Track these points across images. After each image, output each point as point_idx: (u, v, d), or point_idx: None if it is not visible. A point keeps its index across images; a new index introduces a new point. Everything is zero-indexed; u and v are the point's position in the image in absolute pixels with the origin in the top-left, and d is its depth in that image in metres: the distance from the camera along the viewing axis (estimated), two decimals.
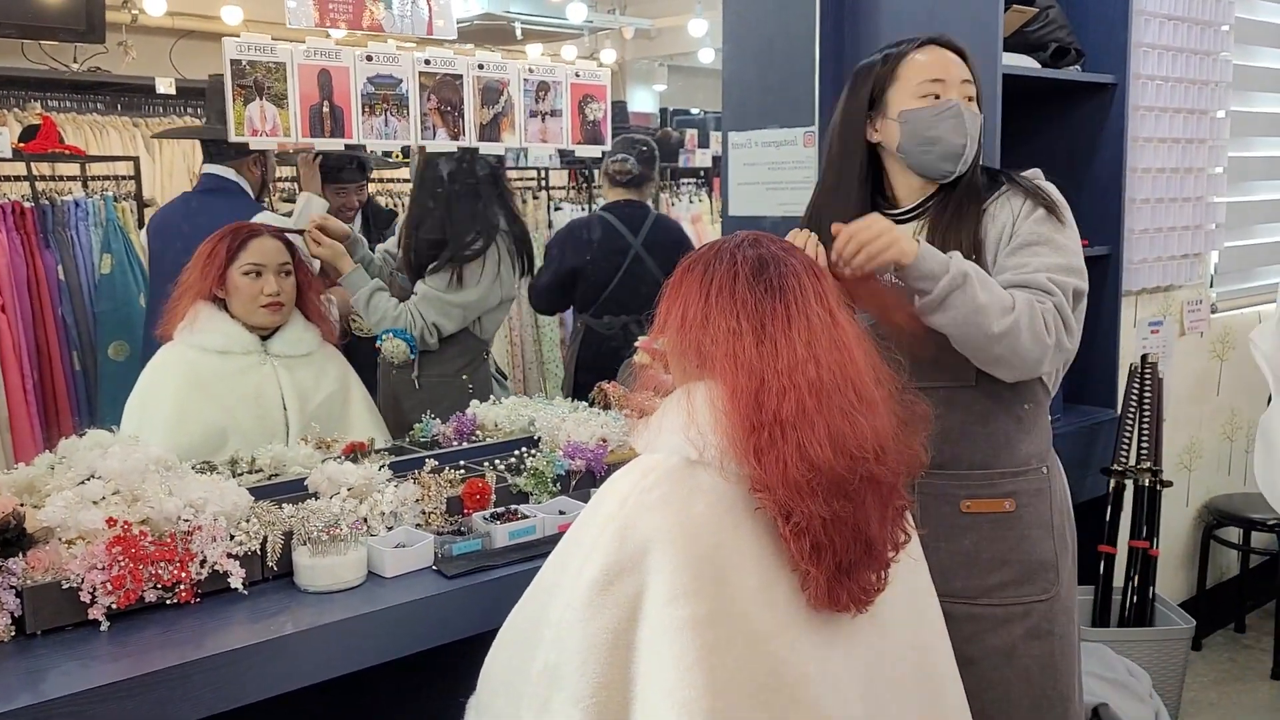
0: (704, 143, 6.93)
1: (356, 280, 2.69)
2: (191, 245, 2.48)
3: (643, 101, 8.20)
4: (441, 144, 2.29)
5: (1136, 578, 3.14)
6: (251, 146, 2.23)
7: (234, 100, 1.99)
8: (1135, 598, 3.13)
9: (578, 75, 2.46)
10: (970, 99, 1.94)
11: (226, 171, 2.97)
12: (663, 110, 7.55)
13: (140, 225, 4.38)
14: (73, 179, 4.42)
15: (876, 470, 1.31)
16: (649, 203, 3.76)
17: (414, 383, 2.81)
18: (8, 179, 4.24)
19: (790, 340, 1.31)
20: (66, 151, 4.47)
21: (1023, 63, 2.87)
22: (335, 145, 2.14)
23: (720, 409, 1.31)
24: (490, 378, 3.01)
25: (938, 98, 1.92)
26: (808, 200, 2.16)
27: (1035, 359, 1.77)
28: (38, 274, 3.97)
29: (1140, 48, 3.24)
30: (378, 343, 2.74)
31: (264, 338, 2.44)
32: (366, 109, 2.15)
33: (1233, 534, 3.90)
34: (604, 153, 3.53)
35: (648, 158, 3.69)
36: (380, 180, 5.39)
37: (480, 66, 2.29)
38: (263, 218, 2.76)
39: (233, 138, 2.01)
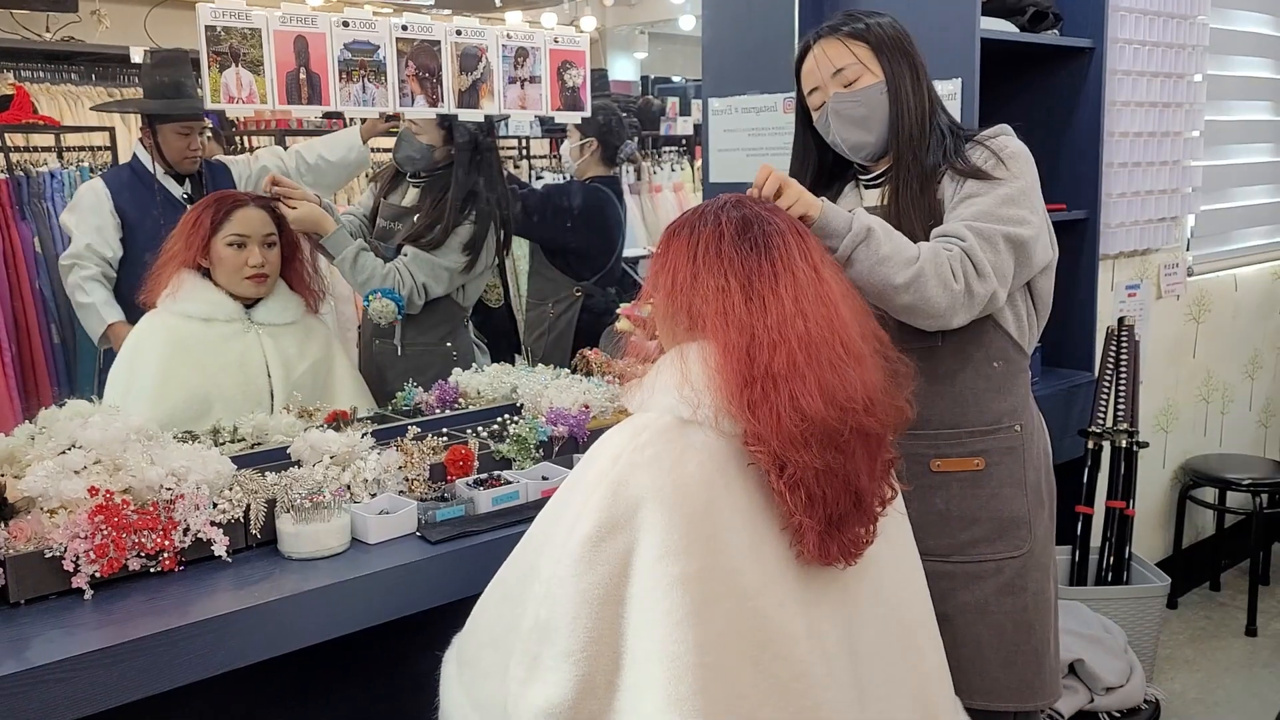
0: (685, 111, 6.90)
1: (340, 240, 2.66)
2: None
3: (623, 70, 8.15)
4: (420, 110, 2.27)
5: (1113, 538, 3.18)
6: (228, 114, 2.21)
7: (209, 67, 1.97)
8: (1112, 557, 3.17)
9: (556, 41, 2.45)
10: (850, 83, 1.93)
11: None
12: (644, 78, 7.52)
13: None
14: (47, 150, 4.38)
15: (866, 422, 1.33)
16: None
17: (396, 349, 2.81)
18: None
19: (778, 296, 1.33)
20: (41, 122, 4.42)
21: (1001, 27, 2.87)
22: (313, 112, 2.12)
23: (713, 366, 1.33)
24: (472, 344, 3.02)
25: (820, 106, 1.97)
26: (787, 166, 2.16)
27: (945, 306, 1.77)
28: (14, 246, 3.94)
29: (1118, 12, 3.24)
30: (364, 303, 2.73)
31: (247, 306, 2.43)
32: (344, 76, 2.13)
33: (1208, 494, 3.95)
34: (604, 127, 3.54)
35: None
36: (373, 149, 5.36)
37: (458, 33, 2.27)
38: None
39: (209, 105, 2.00)
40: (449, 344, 2.88)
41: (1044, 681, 2.00)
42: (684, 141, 6.92)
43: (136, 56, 5.02)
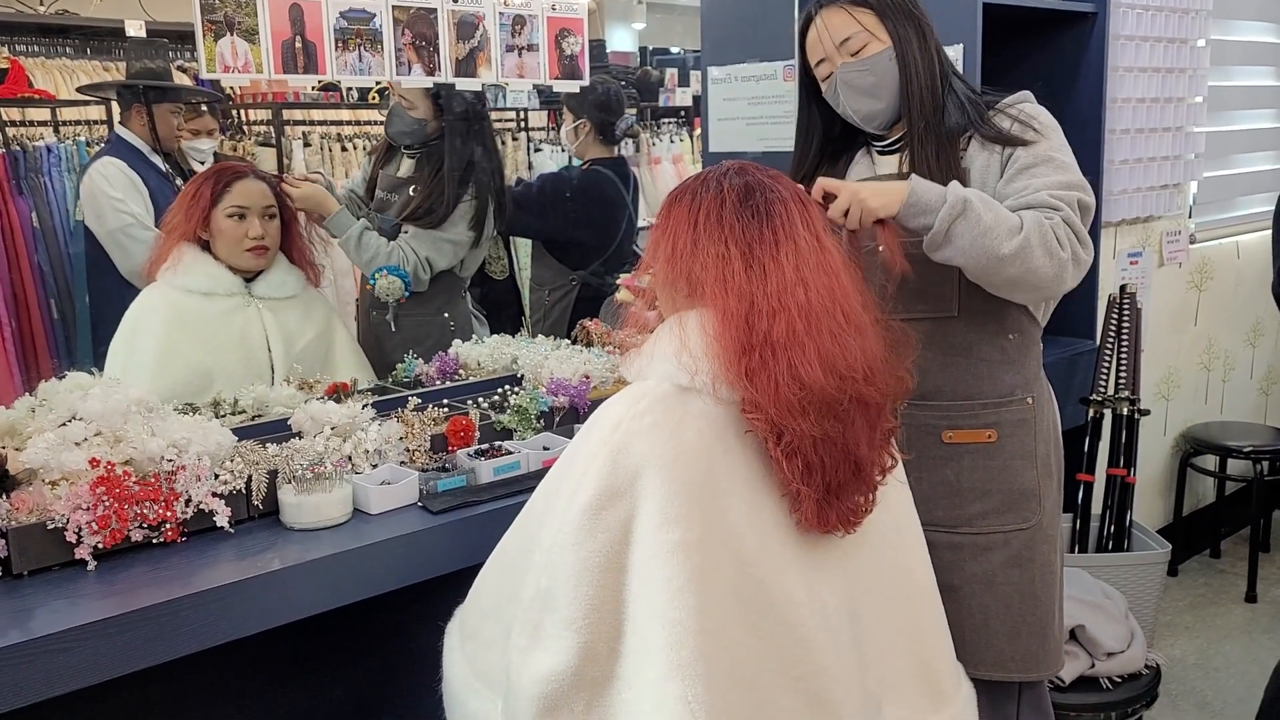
0: (684, 82, 6.86)
1: (343, 221, 2.66)
2: None
3: (621, 40, 8.10)
4: (417, 80, 2.26)
5: (1114, 505, 3.19)
6: (223, 84, 2.20)
7: (204, 37, 1.95)
8: (1113, 525, 3.18)
9: (554, 9, 2.43)
10: (856, 52, 1.89)
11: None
12: (642, 49, 7.47)
13: None
14: (43, 124, 4.36)
15: (865, 391, 1.33)
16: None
17: (391, 323, 2.81)
18: None
19: (779, 264, 1.32)
20: (36, 96, 4.40)
21: None
22: (309, 81, 2.11)
23: (711, 334, 1.32)
24: (470, 315, 3.01)
25: (828, 76, 1.94)
26: (789, 135, 2.15)
27: (1052, 275, 1.72)
28: (11, 221, 3.93)
29: None
30: (370, 282, 2.72)
31: (248, 280, 2.43)
32: (340, 44, 2.11)
33: (1209, 462, 3.95)
34: (597, 104, 3.47)
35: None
36: (357, 123, 5.34)
37: (455, 1, 2.26)
38: None
39: (204, 75, 1.98)
40: (446, 315, 2.88)
41: (1048, 652, 2.01)
42: (683, 113, 6.88)
43: (131, 30, 5.00)
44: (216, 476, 1.78)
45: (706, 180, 1.40)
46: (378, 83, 2.40)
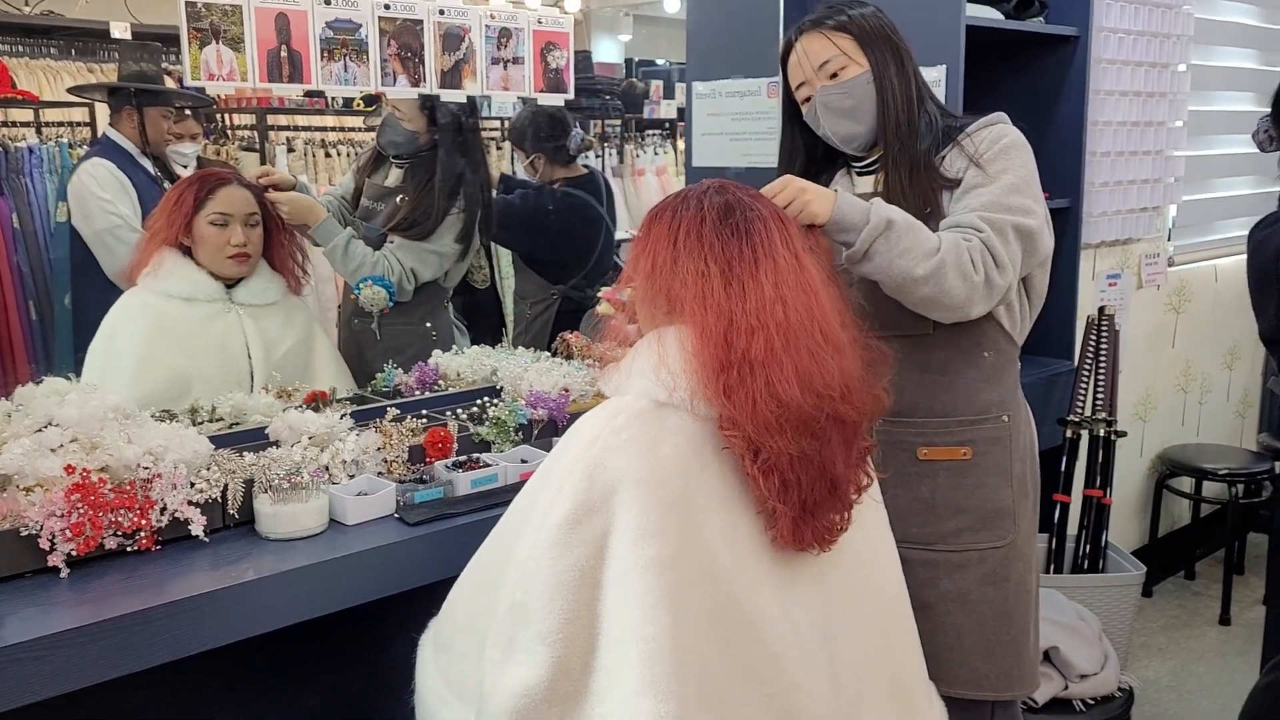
0: (669, 94, 6.89)
1: (330, 229, 2.65)
2: None
3: (608, 52, 8.12)
4: (402, 90, 2.26)
5: (1090, 526, 3.20)
6: (208, 91, 2.20)
7: (189, 44, 1.95)
8: (1088, 545, 3.19)
9: (540, 22, 2.44)
10: (835, 75, 1.93)
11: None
12: (628, 61, 7.49)
13: None
14: (26, 125, 4.34)
15: (842, 410, 1.34)
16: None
17: (375, 332, 2.80)
18: None
19: (758, 282, 1.33)
20: (19, 97, 4.38)
21: (986, 14, 2.87)
22: (294, 90, 2.11)
23: (690, 350, 1.33)
24: (452, 325, 3.01)
25: (809, 99, 1.97)
26: (772, 151, 2.17)
27: (964, 298, 1.77)
28: None
29: (1103, 0, 3.25)
30: (354, 292, 2.72)
31: (229, 286, 2.42)
32: (325, 54, 2.11)
33: (1185, 484, 3.98)
34: (540, 130, 3.46)
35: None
36: (341, 129, 5.33)
37: (441, 12, 2.26)
38: None
39: (189, 82, 1.98)
40: (429, 324, 2.88)
41: (1023, 672, 2.02)
42: (667, 125, 6.90)
43: (116, 32, 4.98)
44: (192, 485, 1.77)
45: (687, 198, 1.41)
46: (363, 92, 2.40)
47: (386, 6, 2.17)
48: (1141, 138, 3.54)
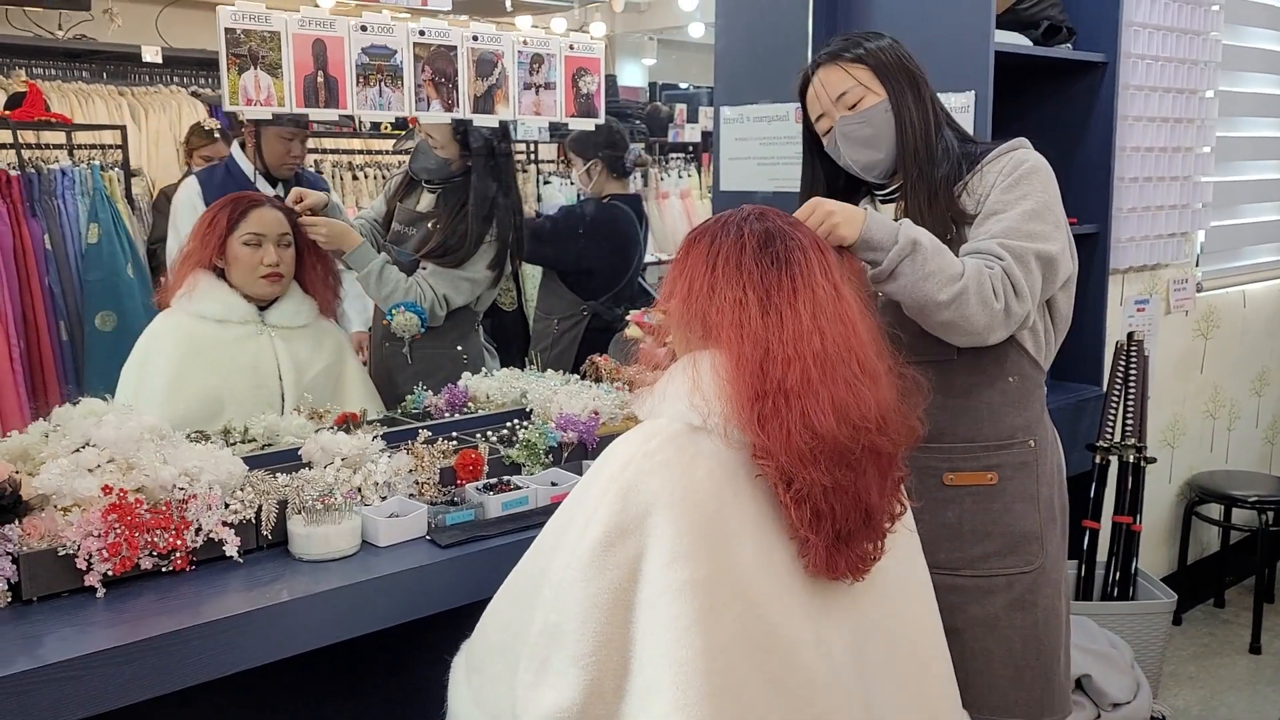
0: (693, 118, 6.91)
1: (365, 255, 2.68)
2: None
3: (632, 76, 8.17)
4: (435, 115, 2.28)
5: (1120, 553, 3.18)
6: (245, 116, 2.23)
7: (228, 69, 1.98)
8: (1118, 572, 3.17)
9: (572, 48, 2.46)
10: (853, 106, 1.95)
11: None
12: (652, 84, 7.53)
13: (127, 195, 4.36)
14: (59, 147, 4.39)
15: (878, 441, 1.33)
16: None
17: (406, 355, 2.82)
18: None
19: (796, 312, 1.33)
20: (53, 119, 4.44)
21: (1015, 40, 2.88)
22: (329, 115, 2.13)
23: (725, 377, 1.33)
24: (482, 349, 3.02)
25: (829, 130, 1.99)
26: (798, 175, 2.18)
27: (983, 324, 1.78)
28: (24, 243, 3.94)
29: (1131, 26, 3.25)
30: (386, 318, 2.74)
31: (261, 308, 2.44)
32: (361, 79, 2.14)
33: (1214, 510, 3.94)
34: (605, 138, 3.51)
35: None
36: (369, 152, 5.38)
37: (474, 38, 2.28)
38: None
39: (227, 107, 2.01)
40: (459, 347, 2.89)
41: (1054, 699, 2.00)
42: (691, 148, 6.93)
43: (148, 55, 5.04)
44: (227, 506, 1.78)
45: (726, 224, 1.41)
46: (397, 116, 2.42)
47: (421, 33, 2.19)
48: (1169, 163, 3.52)
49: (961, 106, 2.62)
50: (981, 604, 1.97)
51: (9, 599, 1.59)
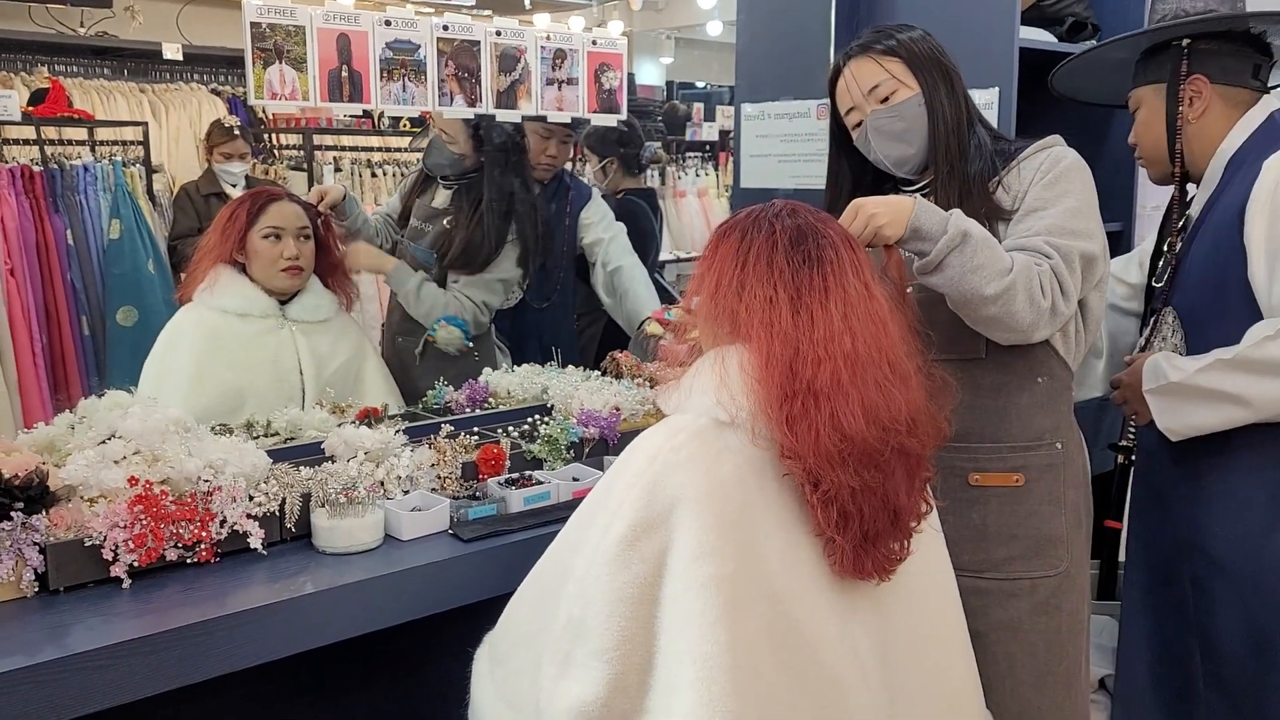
0: (710, 116, 6.91)
1: (403, 275, 2.71)
2: None
3: (649, 74, 8.18)
4: (459, 110, 2.29)
5: None
6: (269, 110, 2.24)
7: (253, 63, 1.99)
8: None
9: (594, 43, 2.46)
10: (885, 99, 1.93)
11: None
12: (669, 83, 7.53)
13: (149, 191, 4.40)
14: (80, 144, 4.43)
15: (908, 442, 1.33)
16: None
17: (417, 354, 2.83)
18: (16, 142, 4.25)
19: (827, 312, 1.32)
20: (76, 116, 4.46)
21: (1039, 36, 2.86)
22: (353, 110, 2.14)
23: (753, 375, 1.32)
24: (495, 347, 3.03)
25: (859, 124, 1.97)
26: (820, 172, 2.17)
27: (1029, 322, 1.75)
28: (46, 238, 3.98)
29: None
30: (430, 333, 2.75)
31: (282, 303, 2.45)
32: (385, 74, 2.14)
33: None
34: (622, 136, 3.51)
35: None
36: (387, 149, 5.39)
37: (498, 33, 2.29)
38: None
39: (251, 100, 2.02)
40: (471, 345, 2.90)
41: (1075, 704, 1.99)
42: (708, 147, 6.93)
43: (169, 53, 5.07)
44: (251, 498, 1.79)
45: (758, 219, 1.41)
46: (421, 112, 2.43)
47: (445, 28, 2.20)
48: None
49: (985, 103, 2.61)
50: (1005, 608, 1.95)
51: (36, 588, 1.60)
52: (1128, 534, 2.34)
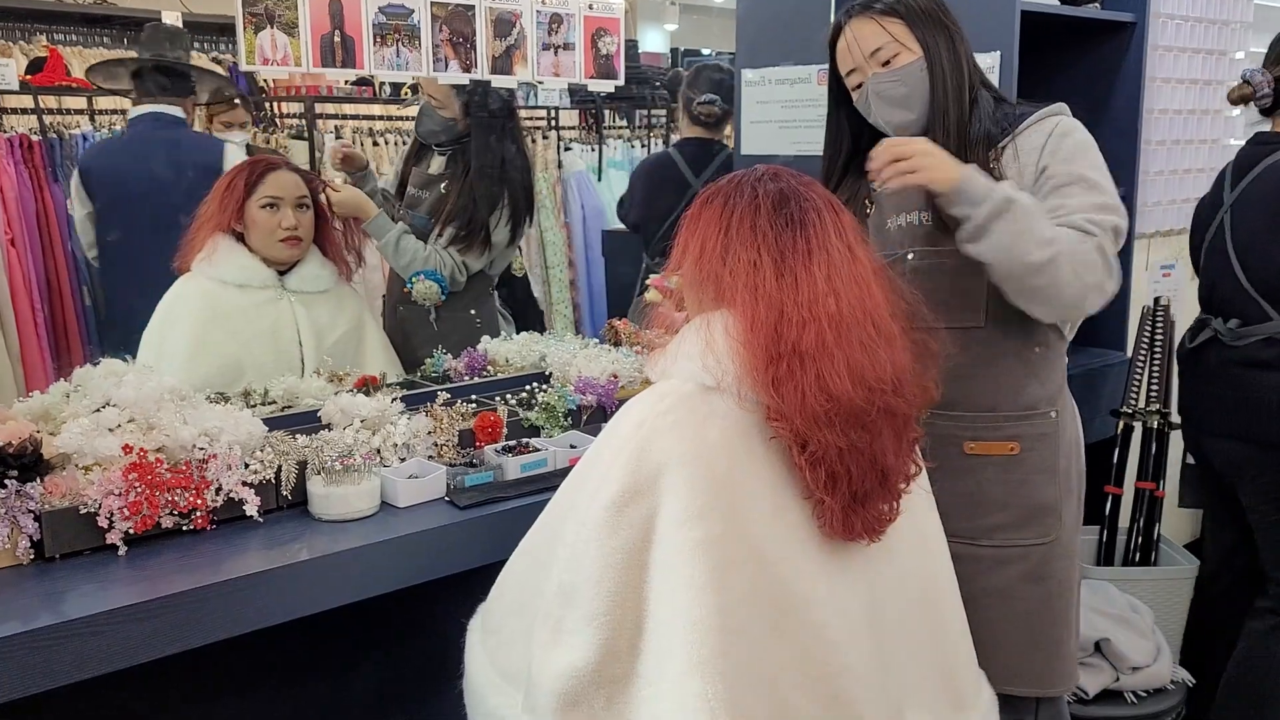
0: None
1: (382, 225, 2.69)
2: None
3: (653, 41, 8.11)
4: (453, 76, 2.27)
5: (1142, 519, 3.15)
6: (262, 75, 2.22)
7: (244, 28, 1.97)
8: (1140, 538, 3.14)
9: (590, 8, 2.43)
10: (887, 62, 1.90)
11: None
12: (673, 50, 7.47)
13: None
14: (80, 113, 4.40)
15: (894, 402, 1.32)
16: (725, 140, 3.64)
17: (428, 321, 2.82)
18: (15, 111, 4.23)
19: (810, 274, 1.32)
20: (74, 84, 4.44)
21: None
22: (346, 75, 2.12)
23: (738, 339, 1.32)
24: (497, 314, 3.03)
25: (859, 86, 1.94)
26: (821, 139, 2.15)
27: (1075, 295, 1.73)
28: (46, 208, 3.96)
29: None
30: (407, 286, 2.75)
31: (281, 273, 2.44)
32: (378, 39, 2.12)
33: None
34: (686, 84, 3.49)
35: (730, 94, 3.62)
36: (388, 118, 5.36)
37: None
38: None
39: (243, 67, 2.00)
40: (473, 312, 2.90)
41: (1062, 668, 1.99)
42: None
43: (168, 20, 5.03)
44: (247, 466, 1.79)
45: (740, 184, 1.40)
46: (415, 78, 2.41)
47: None
48: (1198, 126, 3.47)
49: (987, 67, 2.57)
50: (996, 574, 1.95)
51: (31, 555, 1.60)
52: None
